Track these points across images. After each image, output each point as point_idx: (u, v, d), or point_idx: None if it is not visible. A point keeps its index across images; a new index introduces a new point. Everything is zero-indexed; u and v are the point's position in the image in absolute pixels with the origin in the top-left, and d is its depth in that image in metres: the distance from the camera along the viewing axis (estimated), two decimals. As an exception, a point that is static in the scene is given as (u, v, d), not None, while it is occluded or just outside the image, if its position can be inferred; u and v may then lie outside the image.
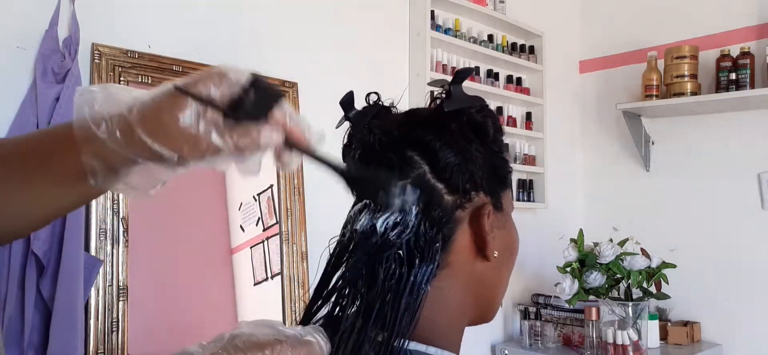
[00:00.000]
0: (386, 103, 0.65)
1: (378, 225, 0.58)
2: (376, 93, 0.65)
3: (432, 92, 0.65)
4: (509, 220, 0.67)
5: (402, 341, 0.56)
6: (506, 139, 2.71)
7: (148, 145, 0.47)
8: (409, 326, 0.57)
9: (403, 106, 0.67)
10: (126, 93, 0.49)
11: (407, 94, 2.28)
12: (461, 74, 0.63)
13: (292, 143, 0.51)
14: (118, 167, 0.49)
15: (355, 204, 0.62)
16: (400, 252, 0.58)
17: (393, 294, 0.57)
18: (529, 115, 2.79)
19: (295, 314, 1.80)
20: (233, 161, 0.49)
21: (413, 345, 0.58)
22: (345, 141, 0.66)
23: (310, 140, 0.52)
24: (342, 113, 0.66)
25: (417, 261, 0.58)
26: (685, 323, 2.55)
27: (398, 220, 0.58)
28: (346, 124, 0.66)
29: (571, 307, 2.41)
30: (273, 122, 0.49)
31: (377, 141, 0.61)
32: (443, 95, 0.63)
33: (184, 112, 0.47)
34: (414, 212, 0.59)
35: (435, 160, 0.59)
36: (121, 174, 0.49)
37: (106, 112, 0.48)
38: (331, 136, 0.66)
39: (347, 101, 0.66)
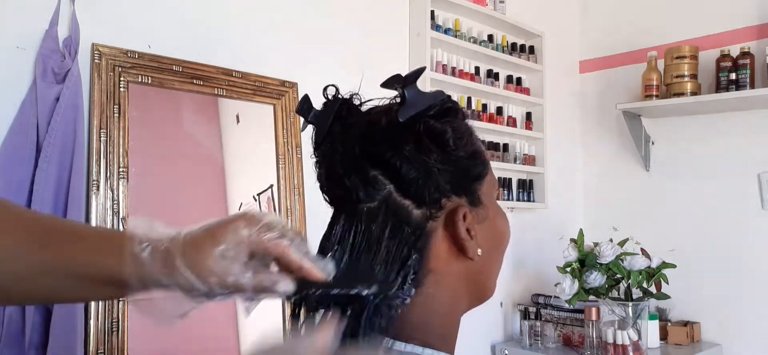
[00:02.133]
0: (346, 96, 0.62)
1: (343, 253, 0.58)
2: (334, 86, 0.62)
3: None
4: (492, 209, 0.65)
5: (392, 343, 0.57)
6: (506, 139, 2.72)
7: (182, 272, 0.52)
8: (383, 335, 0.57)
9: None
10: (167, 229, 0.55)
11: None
12: (413, 75, 0.58)
13: (306, 282, 0.55)
14: (150, 286, 0.54)
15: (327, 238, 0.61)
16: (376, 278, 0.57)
17: (369, 314, 0.56)
18: (529, 115, 2.79)
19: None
20: (245, 300, 0.56)
21: (409, 348, 0.58)
22: (313, 144, 0.63)
23: (322, 277, 0.55)
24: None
25: (398, 281, 0.57)
26: (685, 323, 2.55)
27: (367, 243, 0.57)
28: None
29: (571, 307, 2.41)
30: (288, 270, 0.55)
31: (339, 161, 0.59)
32: (398, 100, 0.59)
33: (218, 249, 0.52)
34: (385, 235, 0.57)
35: (398, 178, 0.57)
36: (151, 291, 0.55)
37: (154, 236, 0.54)
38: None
39: (303, 106, 0.63)
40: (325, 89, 0.62)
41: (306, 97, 0.64)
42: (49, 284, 0.55)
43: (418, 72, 0.59)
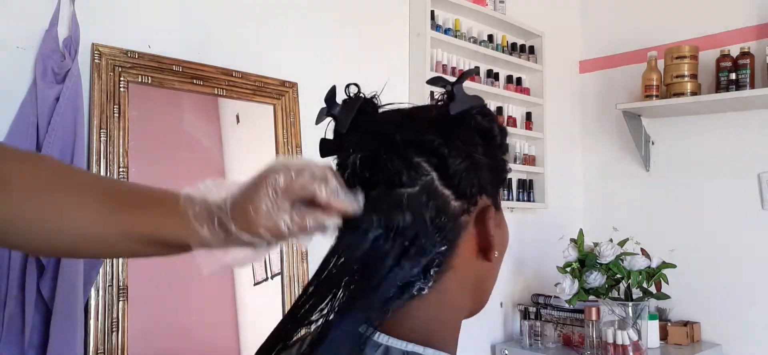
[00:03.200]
0: (367, 95, 0.63)
1: (378, 235, 0.58)
2: (356, 84, 0.63)
3: (432, 93, 0.64)
4: (502, 216, 0.68)
5: (373, 332, 0.57)
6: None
7: (239, 236, 0.57)
8: (387, 309, 0.57)
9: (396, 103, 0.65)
10: (222, 189, 0.61)
11: (407, 93, 2.28)
12: (464, 75, 0.62)
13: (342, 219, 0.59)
14: (213, 247, 0.60)
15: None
16: (402, 257, 0.58)
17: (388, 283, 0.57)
18: (529, 115, 2.79)
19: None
20: (301, 238, 0.59)
21: (411, 347, 0.58)
22: (332, 137, 0.64)
23: (353, 210, 0.59)
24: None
25: (421, 262, 0.58)
26: (685, 323, 2.55)
27: (403, 227, 0.58)
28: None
29: (571, 307, 2.41)
30: (330, 208, 0.58)
31: (381, 146, 0.59)
32: (445, 96, 0.61)
33: (262, 206, 0.57)
34: (425, 220, 0.58)
35: (444, 167, 0.59)
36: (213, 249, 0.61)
37: (210, 201, 0.60)
38: (318, 133, 0.65)
39: (331, 97, 0.64)
40: (347, 87, 0.63)
41: (334, 88, 0.64)
42: (118, 247, 0.63)
43: (468, 73, 0.64)
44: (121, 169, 1.51)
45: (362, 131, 0.61)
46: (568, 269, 2.37)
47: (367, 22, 2.19)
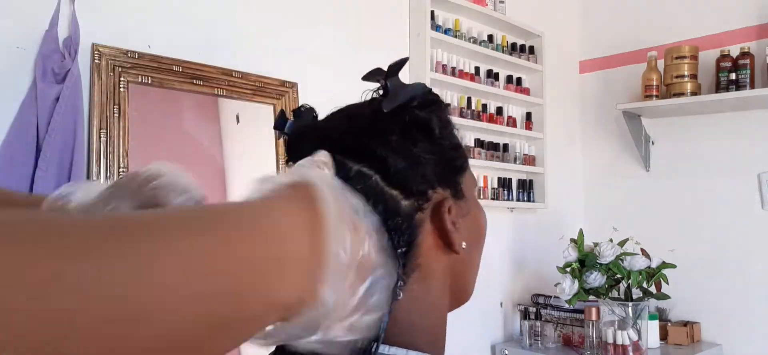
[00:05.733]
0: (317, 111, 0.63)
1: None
2: (305, 105, 0.64)
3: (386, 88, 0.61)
4: (472, 203, 0.65)
5: (377, 345, 0.56)
6: (506, 139, 2.72)
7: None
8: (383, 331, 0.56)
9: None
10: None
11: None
12: (396, 66, 0.58)
13: None
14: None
15: None
16: None
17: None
18: (529, 115, 2.79)
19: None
20: None
21: (393, 350, 0.57)
22: (285, 158, 0.64)
23: None
24: None
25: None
26: (685, 323, 2.55)
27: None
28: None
29: (571, 307, 2.41)
30: None
31: None
32: (380, 92, 0.59)
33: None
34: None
35: (384, 169, 0.57)
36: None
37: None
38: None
39: (280, 121, 0.64)
40: (297, 109, 0.63)
41: (282, 112, 0.64)
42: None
43: (401, 63, 0.59)
44: (121, 170, 1.51)
45: (306, 142, 0.60)
46: (568, 269, 2.36)
47: (367, 22, 2.19)
